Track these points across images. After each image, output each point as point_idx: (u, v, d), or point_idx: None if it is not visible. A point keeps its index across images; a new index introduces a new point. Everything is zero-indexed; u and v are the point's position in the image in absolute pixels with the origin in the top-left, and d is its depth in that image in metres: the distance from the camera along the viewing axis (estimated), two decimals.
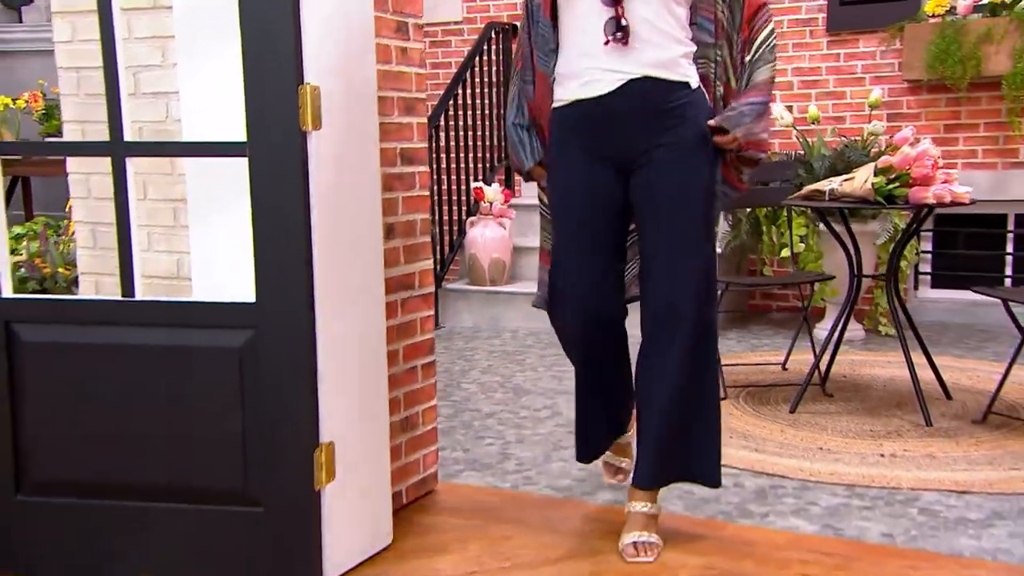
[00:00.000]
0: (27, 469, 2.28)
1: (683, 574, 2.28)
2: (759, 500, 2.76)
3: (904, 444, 3.24)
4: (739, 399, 3.82)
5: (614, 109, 2.25)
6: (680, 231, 2.29)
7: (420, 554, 2.42)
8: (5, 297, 2.23)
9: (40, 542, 2.29)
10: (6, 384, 2.25)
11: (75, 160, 2.56)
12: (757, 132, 2.29)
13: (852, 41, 5.60)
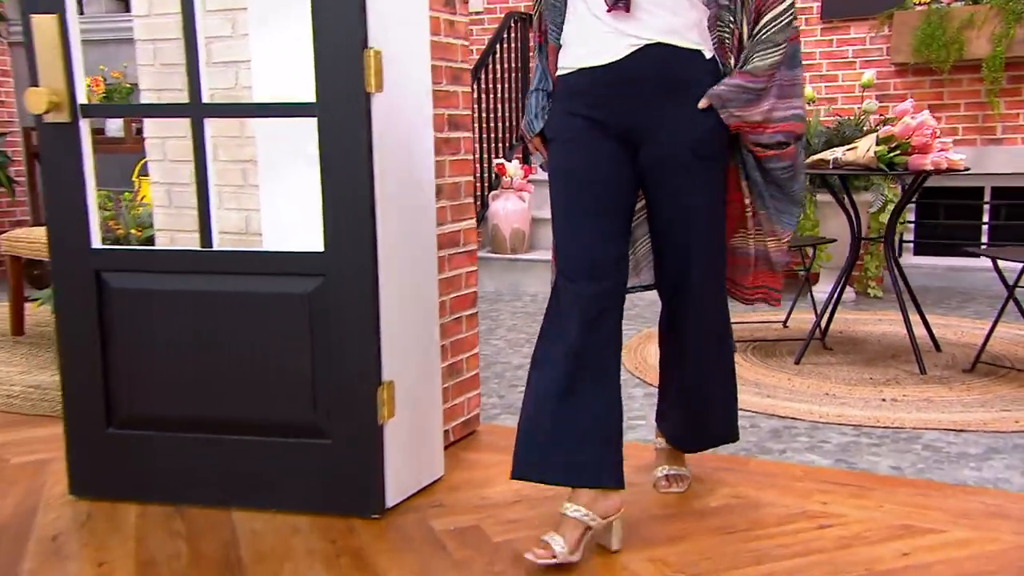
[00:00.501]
0: (115, 405, 2.27)
1: (713, 503, 2.27)
2: (775, 439, 2.74)
3: (902, 390, 3.22)
4: (747, 352, 3.80)
5: (624, 77, 1.94)
6: (688, 207, 2.03)
7: (469, 485, 2.41)
8: (95, 248, 2.21)
9: (128, 471, 2.28)
10: (96, 328, 2.23)
11: (152, 126, 2.52)
12: (747, 116, 1.94)
13: (844, 28, 5.54)
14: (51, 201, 2.21)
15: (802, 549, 2.01)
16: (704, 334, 2.18)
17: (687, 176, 2.00)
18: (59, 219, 2.21)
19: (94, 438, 2.28)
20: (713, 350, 2.21)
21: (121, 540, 2.09)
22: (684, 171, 2.00)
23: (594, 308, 1.99)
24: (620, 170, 2.02)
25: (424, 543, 2.06)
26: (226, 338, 2.18)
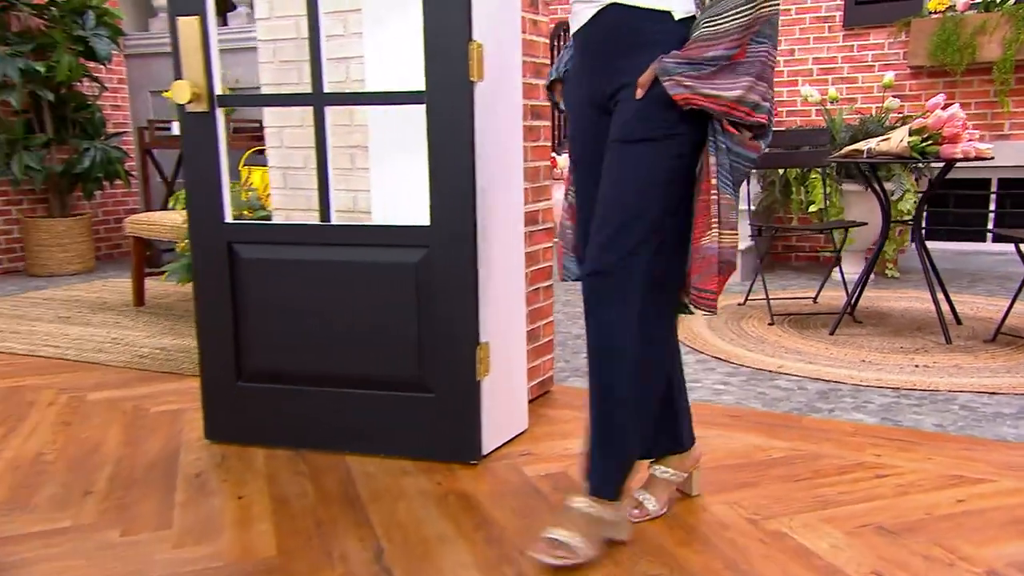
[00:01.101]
0: (245, 361, 2.27)
1: (775, 454, 2.22)
2: (822, 399, 2.68)
3: (932, 358, 3.13)
4: (784, 324, 3.73)
5: (589, 41, 1.67)
6: (618, 177, 1.61)
7: (551, 437, 2.38)
8: (228, 222, 2.20)
9: (256, 419, 2.28)
10: (228, 292, 2.23)
11: (271, 117, 2.50)
12: (692, 87, 1.49)
13: (864, 34, 5.40)
14: (190, 181, 2.20)
15: (864, 496, 1.96)
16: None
17: (619, 153, 1.61)
18: (197, 196, 2.20)
19: (226, 390, 2.28)
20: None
21: (254, 478, 2.10)
22: (618, 147, 1.61)
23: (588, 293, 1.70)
24: (602, 135, 1.70)
25: (519, 486, 2.04)
26: (341, 302, 2.17)
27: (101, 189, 5.57)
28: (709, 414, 2.52)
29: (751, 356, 3.17)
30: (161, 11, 6.01)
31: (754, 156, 1.59)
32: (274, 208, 2.38)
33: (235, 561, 1.68)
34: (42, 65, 4.87)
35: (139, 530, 1.82)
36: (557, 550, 1.60)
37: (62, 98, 5.15)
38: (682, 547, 1.72)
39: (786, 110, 5.52)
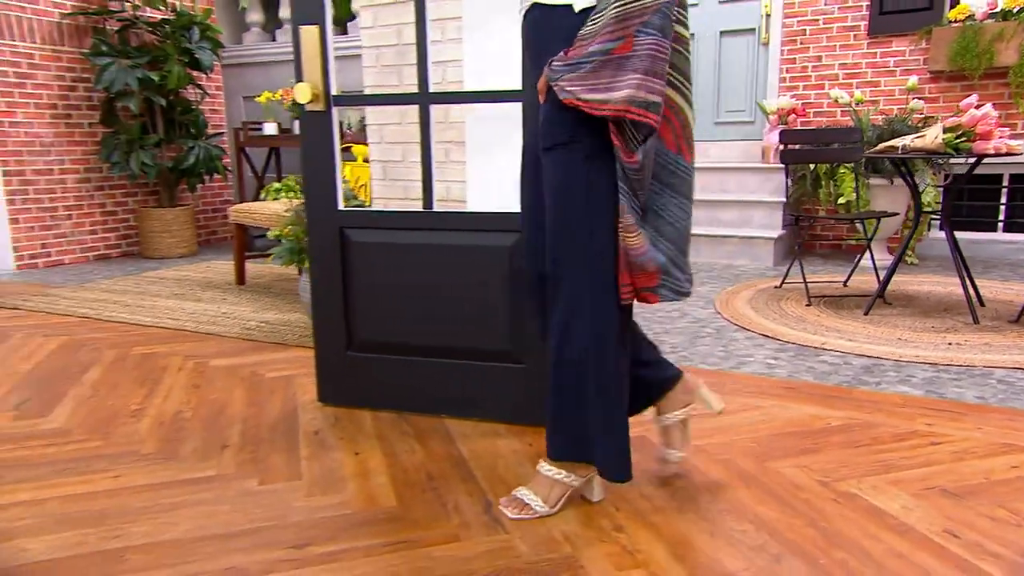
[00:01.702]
0: (354, 333, 2.25)
1: (833, 423, 2.15)
2: (867, 373, 2.60)
3: (962, 336, 3.02)
4: (821, 305, 3.62)
5: (523, 41, 1.54)
6: (547, 190, 1.50)
7: None
8: (341, 209, 2.18)
9: (363, 385, 2.27)
10: (340, 271, 2.21)
11: (372, 116, 2.46)
12: (574, 91, 1.34)
13: (887, 42, 5.22)
14: (308, 172, 2.18)
15: (923, 461, 1.89)
16: (561, 346, 1.55)
17: (544, 162, 1.49)
18: (314, 186, 2.18)
19: (337, 358, 2.27)
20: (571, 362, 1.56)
21: (366, 437, 2.08)
22: (542, 156, 1.50)
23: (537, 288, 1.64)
24: None
25: None
26: (441, 282, 2.13)
27: (202, 183, 5.61)
28: (766, 386, 2.45)
29: (795, 334, 3.09)
30: (254, 26, 6.02)
31: (633, 167, 1.38)
32: (375, 197, 2.34)
33: (362, 510, 1.67)
34: (156, 75, 4.90)
35: (274, 480, 1.81)
36: (513, 504, 1.63)
37: (171, 103, 5.18)
38: (761, 506, 1.67)
39: (813, 111, 5.36)
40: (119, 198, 5.34)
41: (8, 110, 4.64)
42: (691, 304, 3.66)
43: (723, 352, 2.84)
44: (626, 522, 1.60)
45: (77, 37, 4.97)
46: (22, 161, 4.73)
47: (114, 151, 5.00)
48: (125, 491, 1.76)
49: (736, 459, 1.91)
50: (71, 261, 5.06)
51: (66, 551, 1.51)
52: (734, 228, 4.95)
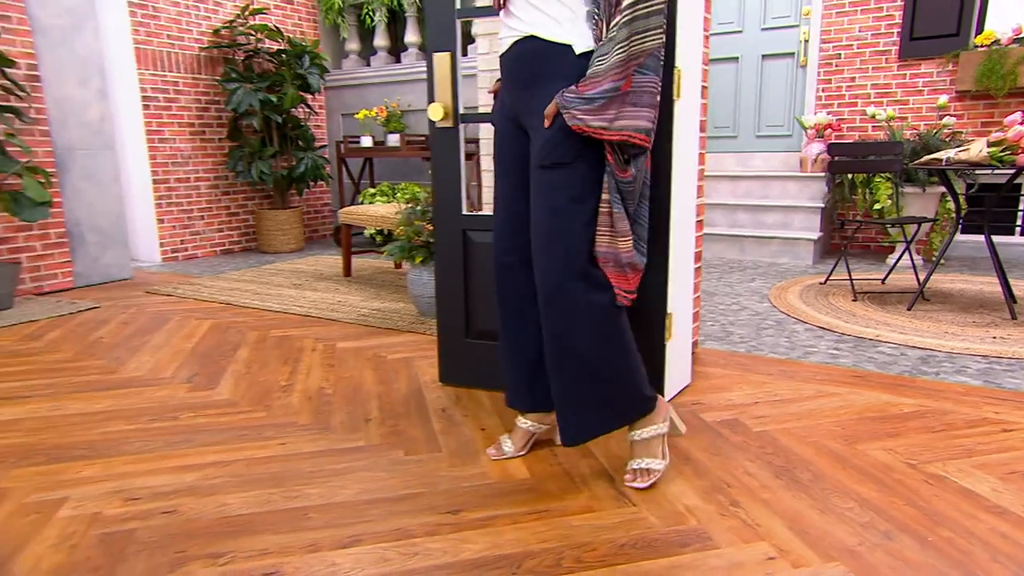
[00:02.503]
0: (471, 322, 2.21)
1: (906, 409, 2.05)
2: (925, 364, 2.47)
3: (1004, 331, 2.87)
4: (865, 301, 3.48)
5: (507, 67, 1.54)
6: (543, 203, 1.48)
7: (712, 390, 2.26)
8: (464, 213, 2.14)
9: (477, 367, 2.23)
10: (462, 269, 2.17)
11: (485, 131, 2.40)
12: (588, 121, 1.38)
13: (916, 65, 4.98)
14: (437, 181, 2.15)
15: (999, 446, 1.78)
16: (559, 359, 1.54)
17: (539, 177, 1.49)
18: (442, 193, 2.15)
19: (456, 344, 2.24)
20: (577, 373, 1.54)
21: (487, 414, 2.05)
22: (538, 172, 1.49)
23: (500, 273, 1.69)
24: (515, 151, 1.61)
25: (703, 429, 1.93)
26: None
27: (308, 188, 5.65)
28: (836, 374, 2.35)
29: (848, 327, 2.97)
30: (352, 54, 6.03)
31: (627, 180, 1.45)
32: (486, 203, 2.30)
33: (499, 480, 1.63)
34: (274, 96, 4.94)
35: (417, 451, 1.79)
36: (638, 476, 1.59)
37: (285, 120, 5.22)
38: (860, 485, 1.59)
39: (847, 127, 5.17)
40: (241, 201, 5.42)
41: (158, 129, 4.73)
42: (748, 299, 3.55)
43: (788, 343, 2.74)
44: (740, 498, 1.54)
45: (211, 66, 5.04)
46: (167, 171, 4.82)
47: (239, 162, 5.07)
48: (294, 457, 1.76)
49: (824, 441, 1.83)
50: (203, 255, 5.15)
51: (258, 507, 1.51)
52: (777, 230, 4.80)
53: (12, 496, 1.57)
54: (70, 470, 1.69)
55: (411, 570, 1.28)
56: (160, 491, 1.58)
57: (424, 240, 3.01)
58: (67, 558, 1.33)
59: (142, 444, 1.84)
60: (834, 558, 1.31)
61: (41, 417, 2.03)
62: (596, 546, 1.36)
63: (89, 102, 3.94)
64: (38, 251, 3.73)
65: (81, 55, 3.88)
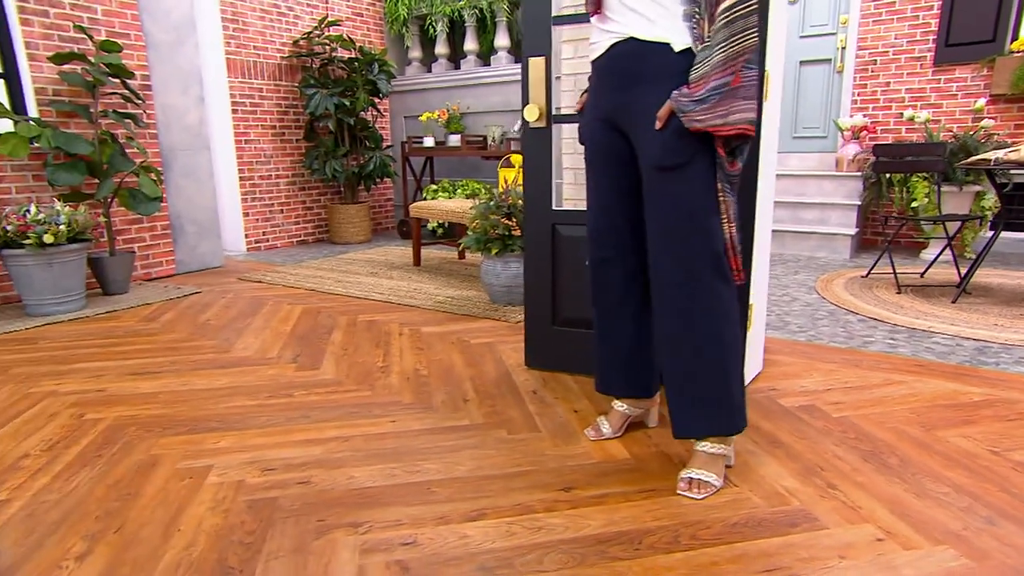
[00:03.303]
0: (558, 310, 2.17)
1: (975, 397, 1.95)
2: (982, 354, 2.36)
3: None
4: (908, 293, 3.35)
5: (604, 71, 1.46)
6: (658, 197, 1.40)
7: (783, 377, 2.18)
8: (554, 208, 2.09)
9: (562, 352, 2.19)
10: (550, 260, 2.13)
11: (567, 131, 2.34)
12: (707, 120, 1.31)
13: (951, 70, 4.76)
14: (530, 178, 2.10)
15: None
16: (686, 356, 1.44)
17: (659, 179, 1.40)
18: (534, 190, 2.10)
19: (544, 330, 2.20)
20: (693, 349, 1.43)
21: (576, 397, 2.00)
22: (657, 175, 1.40)
23: (598, 268, 1.62)
24: (613, 153, 1.52)
25: (784, 414, 1.86)
26: None
27: (375, 185, 5.66)
28: (898, 363, 2.26)
29: (899, 318, 2.86)
30: (415, 61, 5.99)
31: (735, 173, 1.38)
32: (565, 198, 2.24)
33: (603, 460, 1.59)
34: (347, 100, 4.94)
35: (519, 431, 1.76)
36: (693, 487, 1.43)
37: (356, 123, 5.21)
38: (949, 471, 1.51)
39: (881, 129, 4.97)
40: (315, 196, 5.44)
41: (245, 131, 4.76)
42: (796, 290, 3.44)
43: (844, 333, 2.64)
44: (836, 481, 1.48)
45: (290, 74, 5.05)
46: (252, 169, 4.86)
47: (315, 160, 5.08)
48: (406, 434, 1.74)
49: (903, 427, 1.75)
50: (282, 245, 5.19)
51: (384, 480, 1.49)
52: (815, 226, 4.65)
53: (166, 462, 1.58)
54: (208, 440, 1.69)
55: (538, 544, 1.25)
56: (292, 463, 1.58)
57: (500, 233, 2.97)
58: (223, 521, 1.33)
59: (266, 419, 1.84)
60: (941, 541, 1.25)
61: (173, 391, 2.05)
62: (709, 524, 1.31)
63: (189, 108, 3.97)
64: (147, 241, 3.79)
65: (183, 66, 3.91)
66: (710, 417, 1.45)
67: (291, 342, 2.58)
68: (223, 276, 3.95)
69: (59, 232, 2.91)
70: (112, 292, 3.38)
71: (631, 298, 1.63)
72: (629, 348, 1.65)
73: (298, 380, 2.15)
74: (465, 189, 5.33)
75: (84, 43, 3.41)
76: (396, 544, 1.25)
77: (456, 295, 3.39)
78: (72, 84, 3.21)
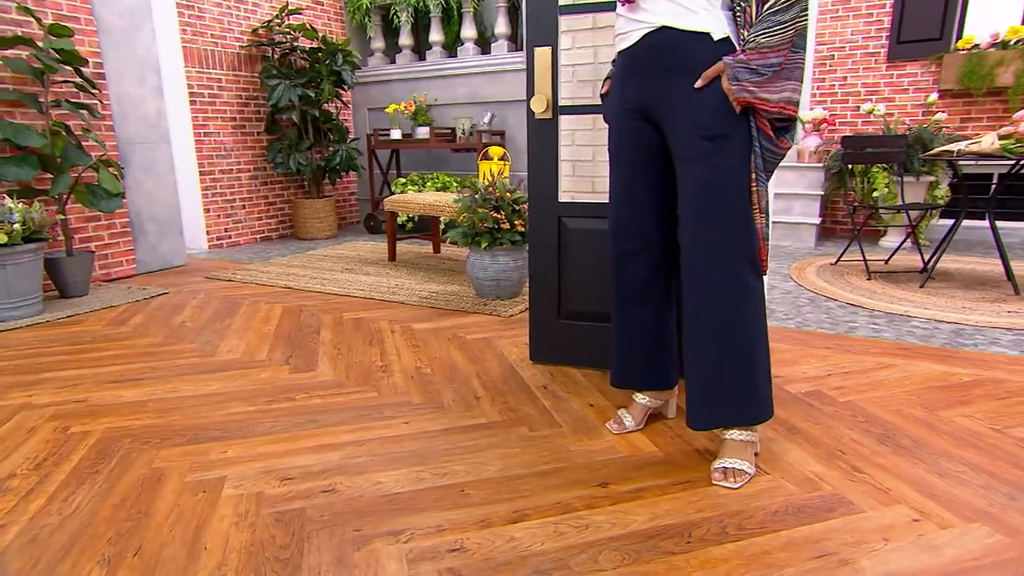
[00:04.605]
0: (564, 304, 2.14)
1: (964, 378, 2.03)
2: (959, 336, 2.47)
3: (1012, 306, 2.88)
4: (878, 280, 3.48)
5: (636, 60, 1.43)
6: (694, 184, 1.38)
7: (783, 364, 2.17)
8: (560, 200, 2.06)
9: (569, 346, 2.17)
10: (556, 254, 2.09)
11: (565, 123, 2.31)
12: (758, 92, 1.31)
13: (902, 66, 4.97)
14: (534, 169, 2.06)
15: None
16: (713, 345, 1.42)
17: (698, 152, 1.37)
18: (538, 182, 2.06)
19: (549, 324, 2.17)
20: (722, 326, 1.42)
21: (587, 391, 1.98)
22: (695, 148, 1.37)
23: (620, 260, 1.60)
24: (641, 144, 1.50)
25: (794, 401, 1.89)
26: None
27: (340, 179, 5.49)
28: (886, 347, 2.34)
29: (875, 303, 2.96)
30: (378, 51, 5.84)
31: (783, 152, 1.38)
32: (563, 191, 2.22)
33: (630, 454, 1.58)
34: (312, 91, 4.76)
35: (539, 427, 1.73)
36: (728, 476, 1.44)
37: (320, 114, 5.04)
38: (960, 450, 1.57)
39: (840, 121, 5.16)
40: (278, 191, 5.23)
41: (204, 123, 4.52)
42: (772, 278, 3.52)
43: (829, 319, 2.72)
44: (859, 464, 1.51)
45: (249, 64, 4.82)
46: (212, 163, 4.62)
47: (278, 154, 4.88)
48: (423, 435, 1.68)
49: (907, 409, 1.80)
50: (245, 242, 4.97)
51: (412, 485, 1.43)
52: (779, 215, 4.78)
53: (172, 475, 1.47)
54: (214, 450, 1.59)
55: (588, 542, 1.22)
56: (311, 471, 1.49)
57: (488, 226, 2.92)
58: (252, 536, 1.24)
59: (270, 425, 1.74)
60: (973, 519, 1.29)
61: (162, 399, 1.91)
62: (751, 513, 1.31)
63: (146, 98, 3.73)
64: (106, 240, 3.55)
65: (139, 53, 3.67)
66: (738, 406, 1.44)
67: (279, 343, 2.46)
68: (188, 275, 3.75)
69: (13, 232, 2.68)
70: (71, 295, 3.15)
71: (653, 291, 1.61)
72: (650, 340, 1.64)
73: (296, 383, 2.05)
74: (435, 182, 5.23)
75: (30, 26, 3.15)
76: (443, 551, 1.20)
77: (440, 290, 3.32)
78: (16, 71, 2.96)
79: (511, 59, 5.02)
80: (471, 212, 2.96)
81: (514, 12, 5.35)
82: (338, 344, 2.45)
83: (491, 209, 2.95)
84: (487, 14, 5.54)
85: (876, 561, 1.16)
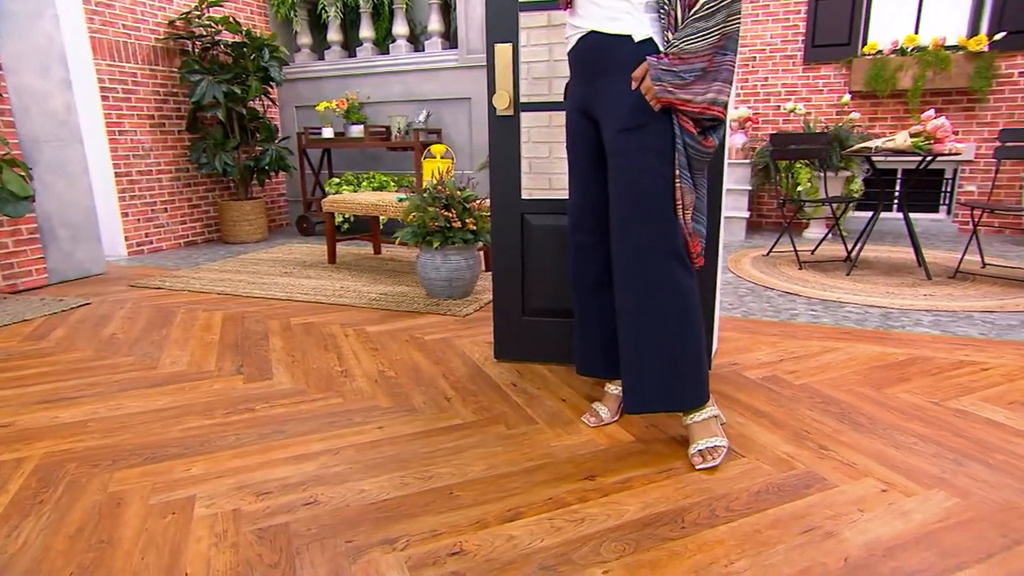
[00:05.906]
0: (528, 300, 2.15)
1: (900, 358, 2.20)
2: (888, 319, 2.67)
3: (927, 290, 3.14)
4: (808, 269, 3.71)
5: (576, 62, 1.51)
6: (620, 180, 1.44)
7: (737, 351, 2.32)
8: (523, 198, 2.06)
9: (533, 343, 2.18)
10: (519, 251, 2.10)
11: (524, 119, 2.32)
12: (677, 94, 1.36)
13: (817, 68, 5.32)
14: (496, 167, 2.05)
15: (987, 382, 1.96)
16: (640, 331, 1.48)
17: (621, 148, 1.43)
18: (500, 179, 2.06)
19: (514, 321, 2.17)
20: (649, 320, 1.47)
21: (557, 386, 2.00)
22: (617, 143, 1.44)
23: (577, 253, 1.67)
24: (588, 141, 1.58)
25: (752, 385, 1.98)
26: None
27: (269, 179, 5.26)
28: (828, 332, 2.49)
29: (810, 291, 3.15)
30: (304, 47, 5.63)
31: (709, 150, 1.42)
32: (524, 188, 2.23)
33: (611, 446, 1.60)
34: (238, 88, 4.53)
35: (516, 425, 1.72)
36: (706, 455, 1.50)
37: (246, 112, 4.80)
38: (909, 423, 1.70)
39: (762, 120, 5.45)
40: (202, 193, 4.95)
41: (118, 121, 4.21)
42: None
43: (771, 308, 2.87)
44: (825, 443, 1.60)
45: (168, 58, 4.53)
46: (129, 163, 4.31)
47: (202, 153, 4.62)
48: (400, 439, 1.64)
49: (856, 389, 1.93)
50: (168, 247, 4.67)
51: (398, 491, 1.39)
52: None
53: (133, 499, 1.36)
54: (176, 468, 1.48)
55: (587, 535, 1.23)
56: (287, 483, 1.42)
57: (440, 225, 2.88)
58: (235, 556, 1.17)
59: (234, 438, 1.65)
60: (931, 485, 1.40)
61: (105, 417, 1.77)
62: (736, 495, 1.36)
63: (52, 92, 3.43)
64: (10, 248, 3.23)
65: (41, 43, 3.36)
66: (667, 393, 1.49)
67: (226, 352, 2.33)
68: (110, 284, 3.48)
69: None
70: None
71: (607, 283, 1.68)
72: (605, 330, 1.70)
73: (253, 392, 1.95)
74: (372, 182, 5.12)
75: None
76: (443, 555, 1.17)
77: (388, 291, 3.25)
78: None
79: (446, 57, 4.98)
80: (421, 211, 2.91)
81: (447, 9, 5.31)
82: (291, 350, 2.34)
83: (442, 208, 2.91)
84: (419, 11, 5.47)
85: (857, 531, 1.23)
